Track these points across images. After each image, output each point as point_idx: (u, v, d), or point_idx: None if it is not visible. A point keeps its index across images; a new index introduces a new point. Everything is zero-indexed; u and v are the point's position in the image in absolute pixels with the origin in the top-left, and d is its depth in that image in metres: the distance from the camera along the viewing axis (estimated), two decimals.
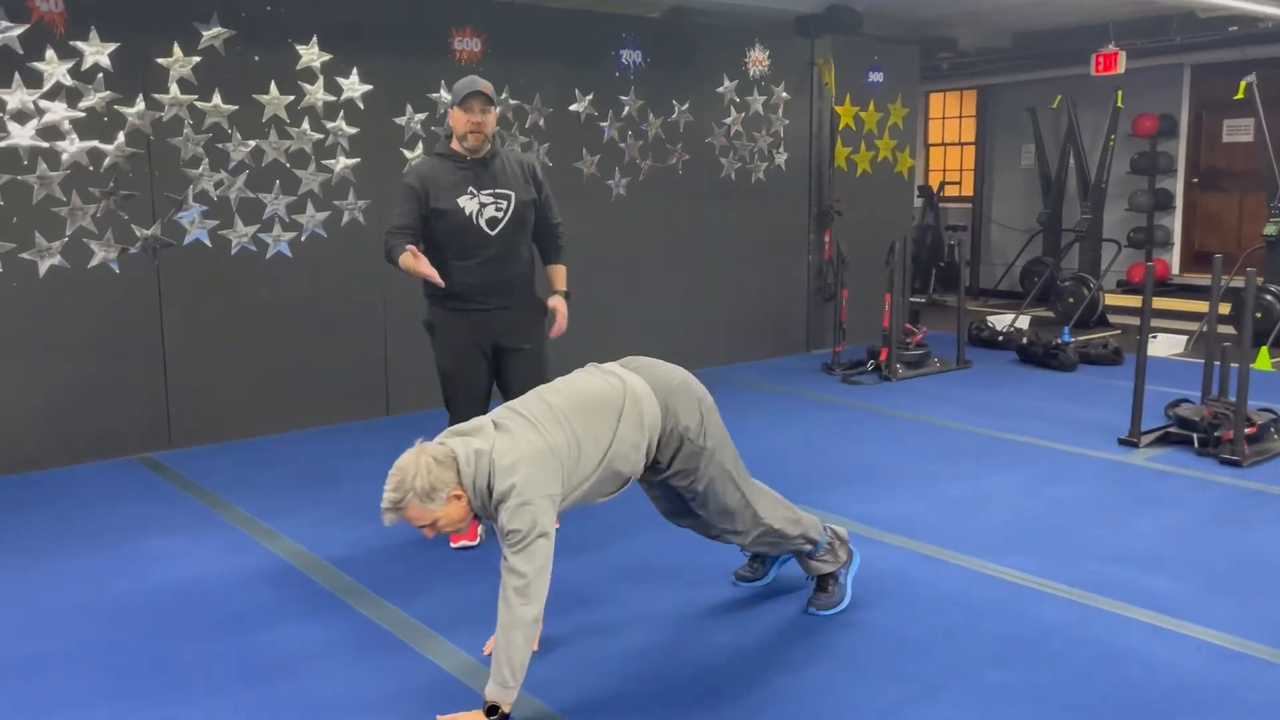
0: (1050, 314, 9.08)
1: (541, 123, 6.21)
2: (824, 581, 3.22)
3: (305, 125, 5.36)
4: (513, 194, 3.66)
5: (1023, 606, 3.22)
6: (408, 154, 5.72)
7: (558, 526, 3.58)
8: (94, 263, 4.87)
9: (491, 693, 2.48)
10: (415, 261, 3.41)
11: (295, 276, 5.42)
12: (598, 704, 2.66)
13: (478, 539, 3.75)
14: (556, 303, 3.83)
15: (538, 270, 3.89)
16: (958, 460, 4.87)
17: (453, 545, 3.70)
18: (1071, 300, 8.70)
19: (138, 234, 4.96)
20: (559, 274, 3.92)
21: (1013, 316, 8.30)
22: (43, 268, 4.74)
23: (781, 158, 7.51)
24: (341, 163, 5.50)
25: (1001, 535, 3.87)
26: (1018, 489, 4.43)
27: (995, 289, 10.88)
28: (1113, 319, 8.96)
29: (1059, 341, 7.17)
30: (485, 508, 2.57)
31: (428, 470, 2.48)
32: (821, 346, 7.89)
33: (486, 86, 3.52)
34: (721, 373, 7.07)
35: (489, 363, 3.72)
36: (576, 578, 3.45)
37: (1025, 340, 7.39)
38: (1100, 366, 7.12)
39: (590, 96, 6.42)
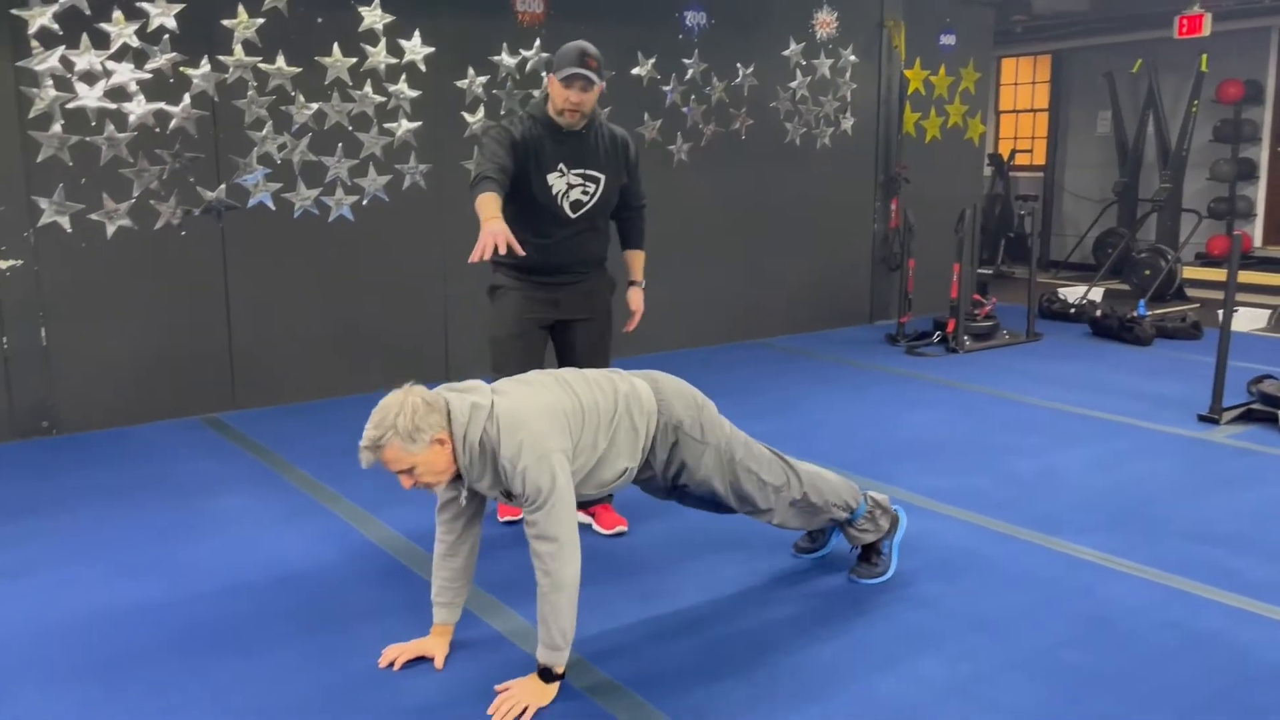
0: (1125, 287, 8.80)
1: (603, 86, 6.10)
2: (867, 551, 3.13)
3: (367, 88, 5.33)
4: (603, 177, 3.38)
5: (1100, 586, 3.10)
6: (469, 117, 5.67)
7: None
8: (160, 224, 4.90)
9: (543, 656, 2.44)
10: (492, 220, 2.89)
11: (357, 240, 5.42)
12: (654, 672, 2.61)
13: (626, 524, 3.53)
14: (634, 297, 3.65)
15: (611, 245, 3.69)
16: (1027, 434, 4.73)
17: (605, 530, 3.50)
18: (1148, 272, 8.41)
19: (203, 196, 4.99)
20: (638, 262, 3.67)
21: (1085, 289, 8.05)
22: (110, 229, 4.79)
23: (848, 123, 7.33)
24: (403, 126, 5.47)
25: (1075, 512, 3.73)
26: (1091, 465, 4.28)
27: (1066, 261, 10.57)
28: (1191, 293, 8.65)
29: (1134, 314, 6.93)
30: (473, 468, 2.45)
31: (413, 410, 2.36)
32: (886, 317, 7.74)
33: (594, 61, 3.21)
34: (782, 343, 6.97)
35: (546, 336, 3.54)
36: (638, 547, 3.41)
37: (1099, 313, 7.16)
38: (1177, 341, 6.87)
39: (653, 60, 6.31)
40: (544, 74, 3.35)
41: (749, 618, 2.91)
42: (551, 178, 3.30)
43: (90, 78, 4.64)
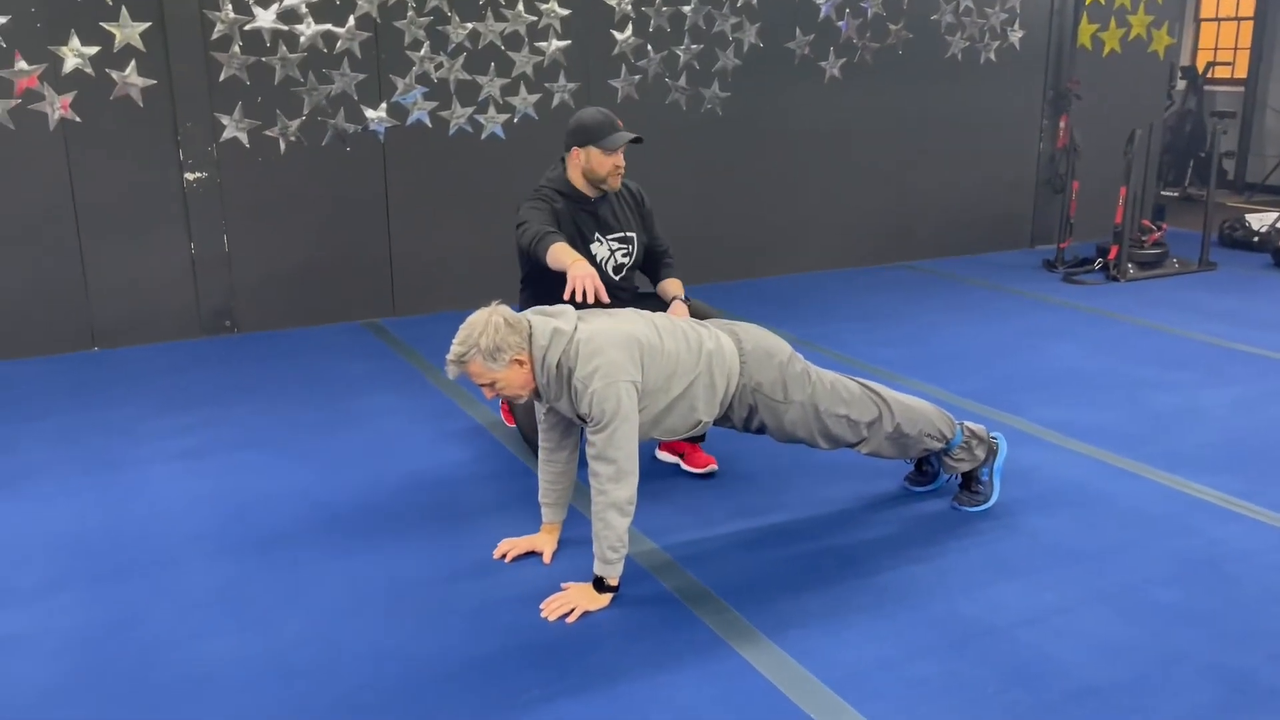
0: None
1: (755, 1, 6.05)
2: (968, 480, 3.15)
3: (519, 7, 5.48)
4: (634, 236, 3.43)
5: (1213, 527, 3.03)
6: (617, 35, 5.74)
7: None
8: (327, 140, 5.25)
9: (597, 568, 2.61)
10: (580, 263, 2.89)
11: (507, 157, 5.62)
12: (741, 581, 2.75)
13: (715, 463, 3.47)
14: (678, 307, 3.32)
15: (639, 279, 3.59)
16: (1175, 369, 4.54)
17: (694, 469, 3.45)
18: None
19: (366, 114, 5.29)
20: (676, 285, 3.46)
21: (1276, 215, 7.48)
22: (283, 144, 5.17)
23: (1016, 35, 6.98)
24: (553, 45, 5.60)
25: (1206, 452, 3.61)
26: (1237, 404, 4.10)
27: (1263, 183, 9.79)
28: None
29: None
30: (550, 388, 2.60)
31: (495, 330, 2.52)
32: (1047, 242, 7.44)
33: (620, 121, 3.28)
34: (930, 266, 6.84)
35: None
36: (741, 466, 3.53)
37: None
38: None
39: None
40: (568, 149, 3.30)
41: (841, 536, 3.01)
42: (594, 247, 3.35)
43: (265, 1, 4.97)
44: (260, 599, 2.71)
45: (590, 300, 2.76)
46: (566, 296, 2.80)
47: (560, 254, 3.00)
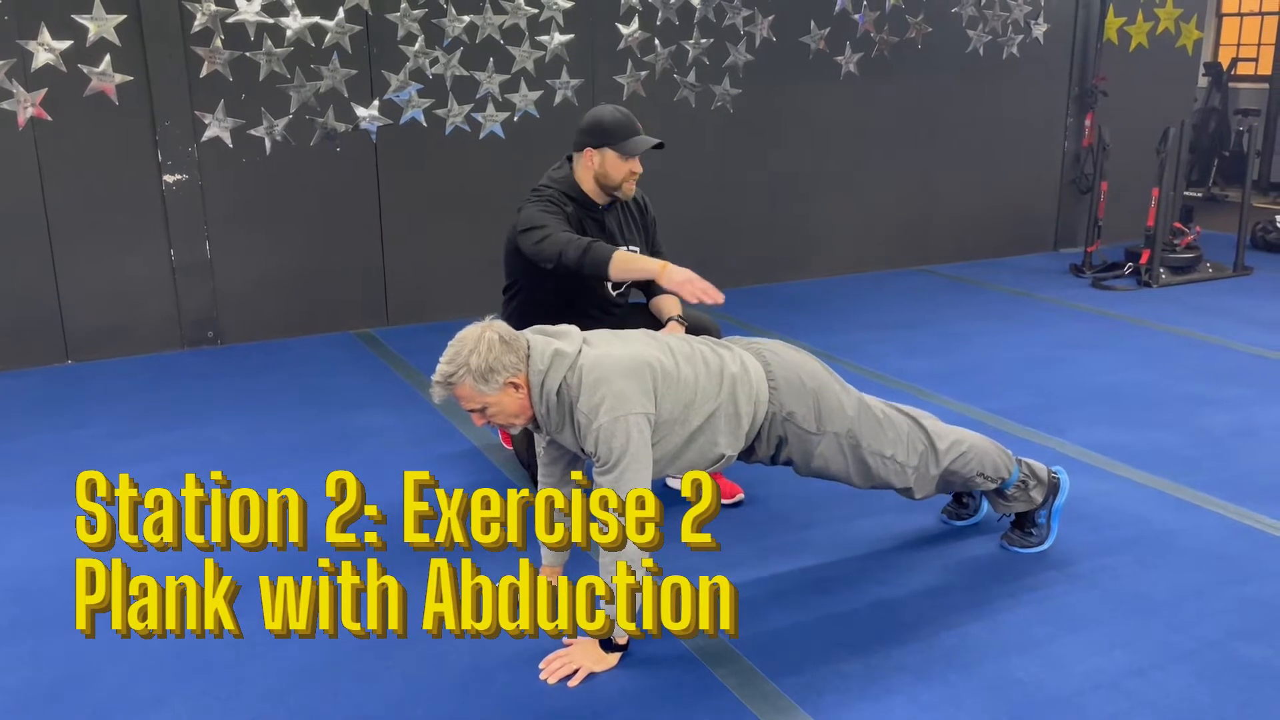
0: None
1: None
2: (1021, 519, 2.83)
3: None
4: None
5: None
6: (623, 29, 5.44)
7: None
8: (316, 140, 4.94)
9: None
10: (671, 267, 2.64)
11: (508, 158, 5.32)
12: (769, 639, 2.43)
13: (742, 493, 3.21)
14: (675, 329, 3.08)
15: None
16: (1225, 384, 4.23)
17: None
18: None
19: (357, 113, 4.99)
20: (672, 302, 3.14)
21: None
22: (269, 144, 4.86)
23: (1040, 29, 6.67)
24: (555, 39, 5.30)
25: (1273, 479, 3.29)
26: None
27: None
28: None
29: None
30: (551, 418, 2.30)
31: (489, 348, 2.22)
32: (1071, 245, 7.13)
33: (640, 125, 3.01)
34: (954, 270, 6.53)
35: None
36: (764, 499, 3.22)
37: None
38: None
39: None
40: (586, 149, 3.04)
41: (877, 582, 2.70)
42: None
43: None
44: (223, 654, 2.41)
45: (709, 301, 2.54)
46: (693, 301, 2.58)
47: (631, 261, 2.77)
